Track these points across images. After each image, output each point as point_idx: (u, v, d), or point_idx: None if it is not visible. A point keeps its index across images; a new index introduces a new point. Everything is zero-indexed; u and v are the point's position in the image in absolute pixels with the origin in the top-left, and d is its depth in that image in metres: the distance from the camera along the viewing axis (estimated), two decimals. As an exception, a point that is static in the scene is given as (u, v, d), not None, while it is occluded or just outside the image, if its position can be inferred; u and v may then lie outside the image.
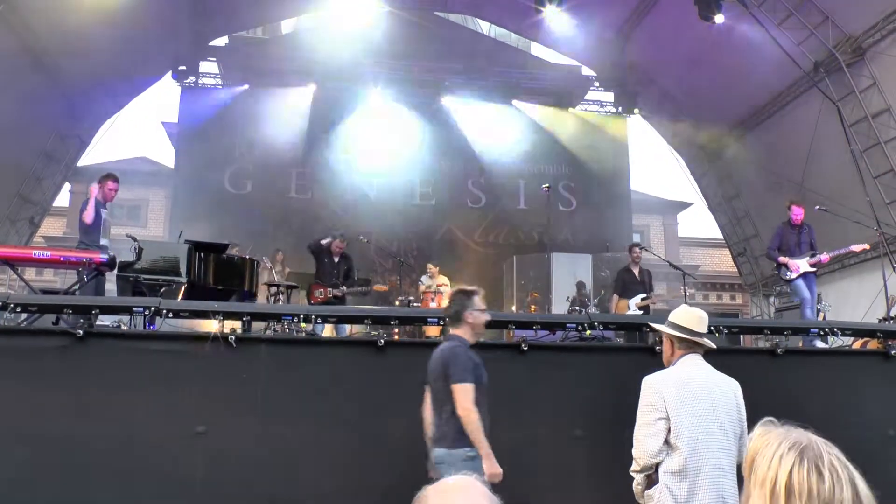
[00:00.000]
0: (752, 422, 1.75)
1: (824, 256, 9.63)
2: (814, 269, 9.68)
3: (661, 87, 18.63)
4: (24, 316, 6.30)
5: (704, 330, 4.05)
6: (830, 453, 1.54)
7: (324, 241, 10.37)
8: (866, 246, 9.89)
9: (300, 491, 5.36)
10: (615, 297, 11.31)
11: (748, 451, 1.66)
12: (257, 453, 5.39)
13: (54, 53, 14.51)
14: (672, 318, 4.12)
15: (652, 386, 3.86)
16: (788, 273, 9.70)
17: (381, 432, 5.58)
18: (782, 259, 9.75)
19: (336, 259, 10.32)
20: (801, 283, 9.70)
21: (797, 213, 9.88)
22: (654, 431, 3.76)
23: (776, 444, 1.59)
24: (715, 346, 4.14)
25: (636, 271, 11.22)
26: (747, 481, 1.63)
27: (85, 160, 19.26)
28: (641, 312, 10.88)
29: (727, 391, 3.84)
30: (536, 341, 6.28)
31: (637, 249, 11.47)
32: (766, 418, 1.71)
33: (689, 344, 4.01)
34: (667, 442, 3.75)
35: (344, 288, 10.11)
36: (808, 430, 1.62)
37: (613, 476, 5.01)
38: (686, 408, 3.73)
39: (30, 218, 16.37)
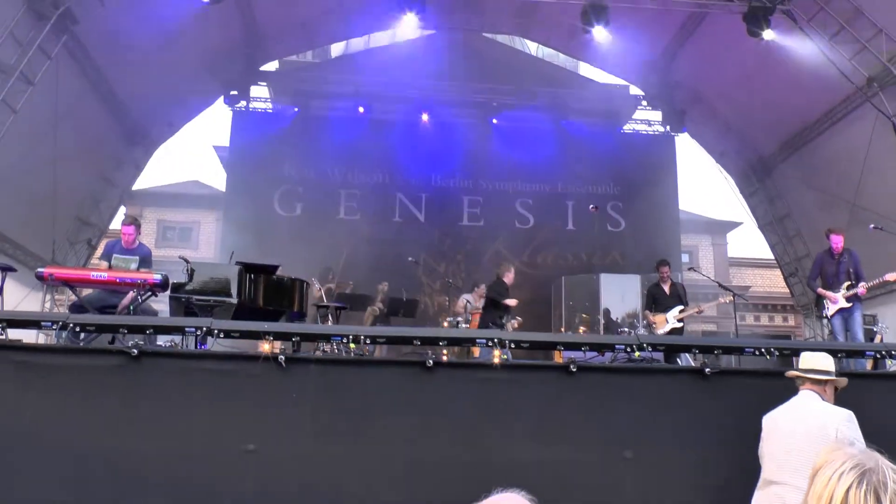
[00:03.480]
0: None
1: (861, 289, 9.37)
2: (850, 304, 9.47)
3: (709, 104, 18.44)
4: (81, 335, 6.47)
5: (808, 366, 4.67)
6: None
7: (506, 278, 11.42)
8: None
9: (349, 510, 5.40)
10: (647, 312, 11.22)
11: (815, 463, 1.63)
12: (306, 472, 5.44)
13: (112, 80, 14.94)
14: None
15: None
16: (826, 309, 9.55)
17: (431, 452, 5.59)
18: (820, 291, 9.66)
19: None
20: (837, 322, 9.50)
21: (835, 242, 9.69)
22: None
23: (840, 461, 1.56)
24: (817, 377, 4.62)
25: (666, 287, 11.05)
26: (807, 492, 1.60)
27: (139, 184, 19.75)
28: (681, 325, 10.76)
29: (814, 419, 4.31)
30: (585, 362, 6.25)
31: (665, 267, 11.30)
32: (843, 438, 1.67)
33: (800, 381, 4.67)
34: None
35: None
36: (884, 455, 1.58)
37: (663, 496, 4.96)
38: (771, 433, 4.48)
39: (87, 240, 16.79)
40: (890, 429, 5.76)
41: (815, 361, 4.67)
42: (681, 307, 10.77)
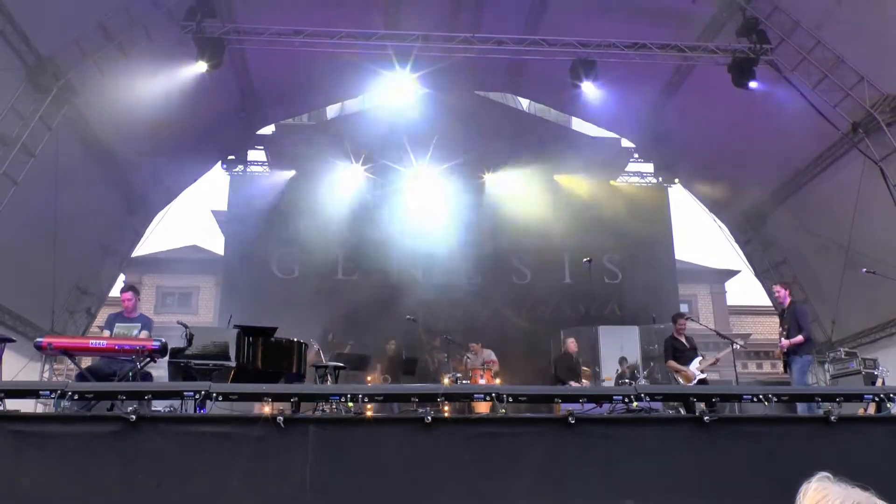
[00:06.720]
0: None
1: (784, 342, 9.73)
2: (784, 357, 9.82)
3: (700, 154, 18.64)
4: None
5: None
6: None
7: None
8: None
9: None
10: (671, 363, 11.07)
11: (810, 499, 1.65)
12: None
13: (111, 149, 15.11)
14: None
15: None
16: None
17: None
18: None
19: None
20: (790, 371, 9.69)
21: (776, 293, 10.09)
22: None
23: (840, 500, 1.59)
24: None
25: (683, 339, 11.10)
26: None
27: (138, 251, 19.83)
28: (705, 375, 10.75)
29: None
30: (583, 414, 6.25)
31: (682, 320, 11.37)
32: (821, 473, 1.70)
33: None
34: None
35: None
36: (869, 490, 1.62)
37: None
38: None
39: (87, 309, 16.78)
40: (892, 471, 5.75)
41: None
42: (699, 358, 10.85)
